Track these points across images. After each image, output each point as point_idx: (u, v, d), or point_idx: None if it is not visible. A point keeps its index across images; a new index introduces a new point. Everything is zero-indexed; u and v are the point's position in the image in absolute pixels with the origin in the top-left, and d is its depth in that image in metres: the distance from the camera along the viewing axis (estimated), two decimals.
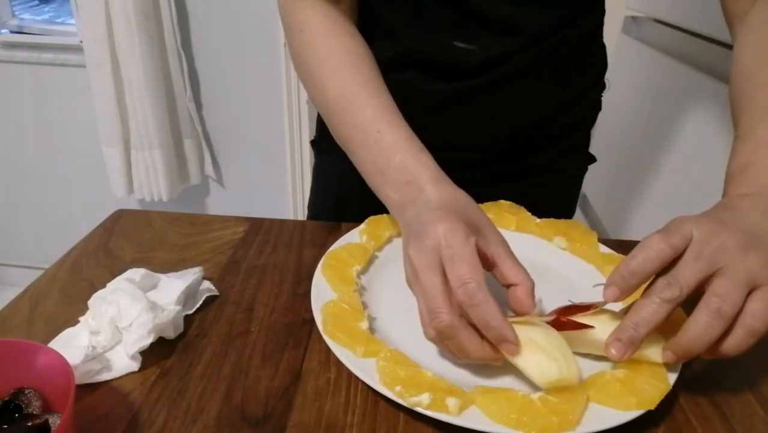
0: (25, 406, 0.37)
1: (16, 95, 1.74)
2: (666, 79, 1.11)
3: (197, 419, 0.39)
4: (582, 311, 0.43)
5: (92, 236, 0.63)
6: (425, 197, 0.46)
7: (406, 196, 0.48)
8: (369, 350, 0.42)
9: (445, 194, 0.46)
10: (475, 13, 0.58)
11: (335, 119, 0.55)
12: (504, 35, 0.59)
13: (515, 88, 0.63)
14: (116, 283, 0.48)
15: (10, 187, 1.92)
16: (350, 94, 0.53)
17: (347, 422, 0.39)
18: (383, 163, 0.50)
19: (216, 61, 1.62)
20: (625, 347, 0.39)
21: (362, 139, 0.52)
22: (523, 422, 0.37)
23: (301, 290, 0.53)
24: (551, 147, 0.70)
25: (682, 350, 0.38)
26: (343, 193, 0.75)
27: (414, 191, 0.47)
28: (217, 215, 0.68)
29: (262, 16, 1.54)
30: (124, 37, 1.44)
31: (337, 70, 0.54)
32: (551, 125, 0.68)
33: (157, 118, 1.55)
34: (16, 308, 0.51)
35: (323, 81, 0.55)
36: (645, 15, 1.28)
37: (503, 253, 0.44)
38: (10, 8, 1.78)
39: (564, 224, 0.60)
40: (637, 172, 1.19)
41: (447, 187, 0.47)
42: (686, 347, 0.38)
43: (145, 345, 0.43)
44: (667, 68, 1.10)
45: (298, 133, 1.68)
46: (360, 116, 0.52)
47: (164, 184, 1.64)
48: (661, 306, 0.38)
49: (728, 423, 0.40)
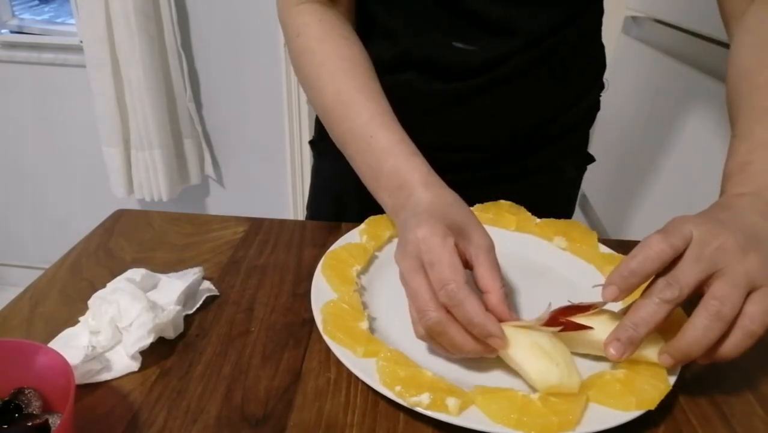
0: (25, 406, 0.37)
1: (16, 95, 1.74)
2: (666, 79, 1.11)
3: (197, 419, 0.39)
4: (581, 312, 0.43)
5: (92, 236, 0.63)
6: (414, 201, 0.47)
7: (398, 201, 0.49)
8: (369, 350, 0.42)
9: (432, 197, 0.46)
10: (472, 14, 0.58)
11: (333, 123, 0.55)
12: (502, 36, 0.59)
13: (514, 89, 0.63)
14: (116, 283, 0.48)
15: (10, 187, 1.92)
16: (346, 98, 0.53)
17: (347, 422, 0.39)
18: (377, 167, 0.51)
19: (216, 61, 1.62)
20: (624, 347, 0.39)
21: (357, 144, 0.52)
22: (523, 422, 0.37)
23: (301, 290, 0.53)
24: (550, 147, 0.70)
25: (680, 353, 0.39)
26: (341, 194, 0.75)
27: (405, 195, 0.48)
28: (217, 215, 0.68)
29: (262, 16, 1.54)
30: (124, 37, 1.44)
31: (334, 74, 0.55)
32: (550, 125, 0.68)
33: (157, 118, 1.55)
34: (16, 308, 0.51)
35: (320, 86, 0.56)
36: (645, 15, 1.28)
37: (481, 256, 0.43)
38: (10, 8, 1.78)
39: (564, 224, 0.60)
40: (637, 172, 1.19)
41: (435, 189, 0.47)
42: (685, 350, 0.38)
43: (145, 345, 0.43)
44: (667, 68, 1.10)
45: (298, 133, 1.68)
46: (355, 121, 0.53)
47: (164, 184, 1.64)
48: (660, 306, 0.38)
49: (728, 423, 0.40)
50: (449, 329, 0.40)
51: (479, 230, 0.45)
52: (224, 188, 1.84)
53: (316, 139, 0.79)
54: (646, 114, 1.18)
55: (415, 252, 0.42)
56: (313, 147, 0.80)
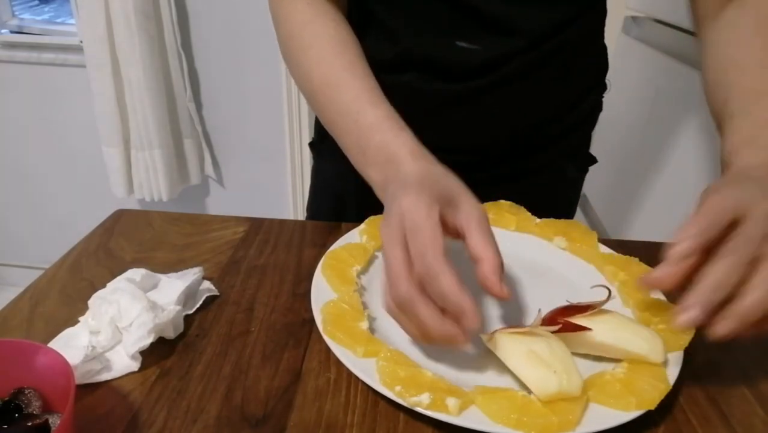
0: (25, 406, 0.37)
1: (16, 95, 1.74)
2: (666, 79, 1.11)
3: (197, 419, 0.39)
4: (580, 312, 0.43)
5: (92, 236, 0.63)
6: (402, 174, 0.45)
7: (387, 176, 0.47)
8: (369, 350, 0.42)
9: (419, 168, 0.45)
10: (473, 10, 0.58)
11: (320, 105, 0.55)
12: (505, 35, 0.59)
13: (516, 89, 0.63)
14: (116, 283, 0.48)
15: (10, 187, 1.92)
16: (333, 80, 0.53)
17: (347, 422, 0.39)
18: (364, 144, 0.50)
19: (216, 61, 1.62)
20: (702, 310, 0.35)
21: (344, 123, 0.52)
22: (523, 422, 0.37)
23: (301, 290, 0.53)
24: (551, 148, 0.70)
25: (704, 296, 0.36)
26: (341, 195, 0.75)
27: (393, 169, 0.47)
28: (217, 215, 0.68)
29: (262, 16, 1.53)
30: (124, 37, 1.44)
31: (321, 56, 0.55)
32: (551, 126, 0.68)
33: (157, 118, 1.55)
34: (16, 308, 0.51)
35: (308, 69, 0.55)
36: (645, 15, 1.28)
37: (472, 224, 0.40)
38: (10, 8, 1.78)
39: (564, 224, 0.60)
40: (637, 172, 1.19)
41: (424, 162, 0.46)
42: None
43: (145, 345, 0.43)
44: (667, 68, 1.10)
45: (298, 133, 1.68)
46: (342, 99, 0.52)
47: (164, 184, 1.64)
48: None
49: (728, 423, 0.40)
50: (418, 307, 0.37)
51: (470, 199, 0.43)
52: (224, 188, 1.84)
53: (315, 141, 0.79)
54: (645, 114, 1.18)
55: (398, 222, 0.40)
56: (313, 148, 0.80)
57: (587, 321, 0.42)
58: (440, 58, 0.61)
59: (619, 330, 0.42)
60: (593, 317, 0.43)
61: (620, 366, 0.42)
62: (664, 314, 0.46)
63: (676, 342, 0.43)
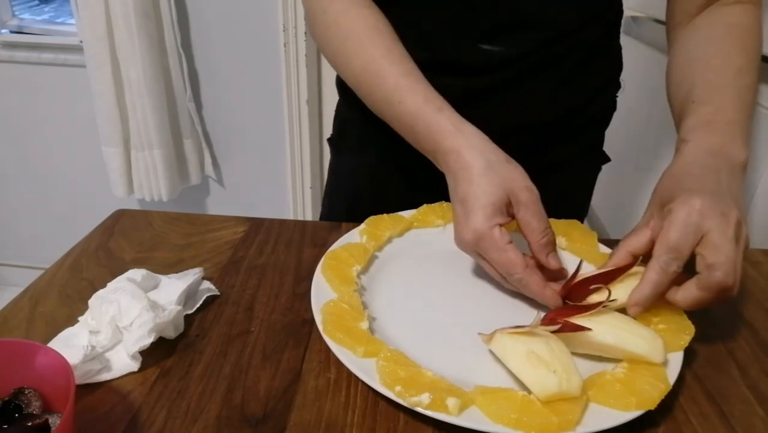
0: (25, 406, 0.37)
1: (16, 95, 1.74)
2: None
3: (197, 419, 0.39)
4: (580, 312, 0.43)
5: (92, 236, 0.63)
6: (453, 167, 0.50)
7: (440, 161, 0.53)
8: (369, 350, 0.42)
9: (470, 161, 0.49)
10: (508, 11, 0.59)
11: (364, 94, 0.58)
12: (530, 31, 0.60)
13: (531, 86, 0.63)
14: (117, 283, 0.48)
15: (11, 187, 1.92)
16: (373, 67, 0.55)
17: (347, 422, 0.39)
18: (410, 132, 0.54)
19: (216, 61, 1.62)
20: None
21: (391, 111, 0.55)
22: (523, 422, 0.37)
23: (301, 290, 0.53)
24: (564, 146, 0.70)
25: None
26: (358, 190, 0.76)
27: (442, 158, 0.52)
28: (217, 215, 0.68)
29: (263, 17, 1.53)
30: (124, 37, 1.44)
31: (360, 44, 0.56)
32: (565, 124, 0.68)
33: (157, 118, 1.54)
34: (16, 308, 0.51)
35: (348, 58, 0.57)
36: (645, 15, 1.28)
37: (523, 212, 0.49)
38: (10, 8, 1.78)
39: (564, 224, 0.60)
40: (637, 172, 1.19)
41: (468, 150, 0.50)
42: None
43: (145, 345, 0.43)
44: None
45: (298, 133, 1.68)
46: (384, 88, 0.55)
47: (164, 184, 1.64)
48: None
49: (728, 423, 0.40)
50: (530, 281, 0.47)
51: (521, 185, 0.49)
52: (224, 188, 1.84)
53: (334, 137, 0.80)
54: (645, 114, 1.18)
55: (472, 247, 0.48)
56: (332, 144, 0.81)
57: (587, 321, 0.42)
58: (461, 60, 0.62)
59: (619, 330, 0.42)
60: (593, 317, 0.43)
61: (620, 366, 0.42)
62: (664, 314, 0.46)
63: (676, 342, 0.43)
